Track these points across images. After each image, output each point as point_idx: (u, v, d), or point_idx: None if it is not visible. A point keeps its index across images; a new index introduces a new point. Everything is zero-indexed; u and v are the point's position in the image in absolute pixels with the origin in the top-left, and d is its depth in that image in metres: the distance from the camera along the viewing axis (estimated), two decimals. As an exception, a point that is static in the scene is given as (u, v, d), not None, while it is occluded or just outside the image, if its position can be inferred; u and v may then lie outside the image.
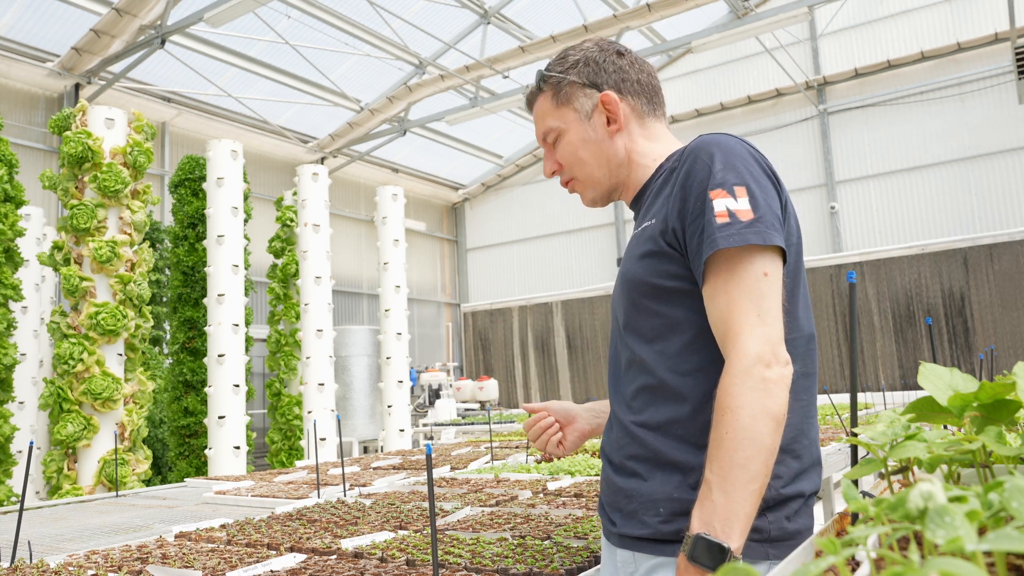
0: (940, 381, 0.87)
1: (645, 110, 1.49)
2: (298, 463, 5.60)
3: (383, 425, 9.38)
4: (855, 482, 0.82)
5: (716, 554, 1.08)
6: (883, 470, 0.86)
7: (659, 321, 1.31)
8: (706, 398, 1.25)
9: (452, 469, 4.27)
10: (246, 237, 7.71)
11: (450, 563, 1.84)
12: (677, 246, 1.29)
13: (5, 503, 5.89)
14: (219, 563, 2.00)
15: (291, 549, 2.18)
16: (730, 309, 1.19)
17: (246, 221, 7.92)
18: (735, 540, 1.09)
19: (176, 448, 8.19)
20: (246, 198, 8.20)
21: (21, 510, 2.19)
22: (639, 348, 1.35)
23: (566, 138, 1.48)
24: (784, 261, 1.27)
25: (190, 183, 8.57)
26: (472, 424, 8.97)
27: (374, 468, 4.53)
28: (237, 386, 7.07)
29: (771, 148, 15.18)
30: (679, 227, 1.28)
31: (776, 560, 1.22)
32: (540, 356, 16.83)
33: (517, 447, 5.34)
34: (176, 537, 2.51)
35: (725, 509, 1.09)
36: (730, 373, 1.16)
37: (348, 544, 2.12)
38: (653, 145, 1.48)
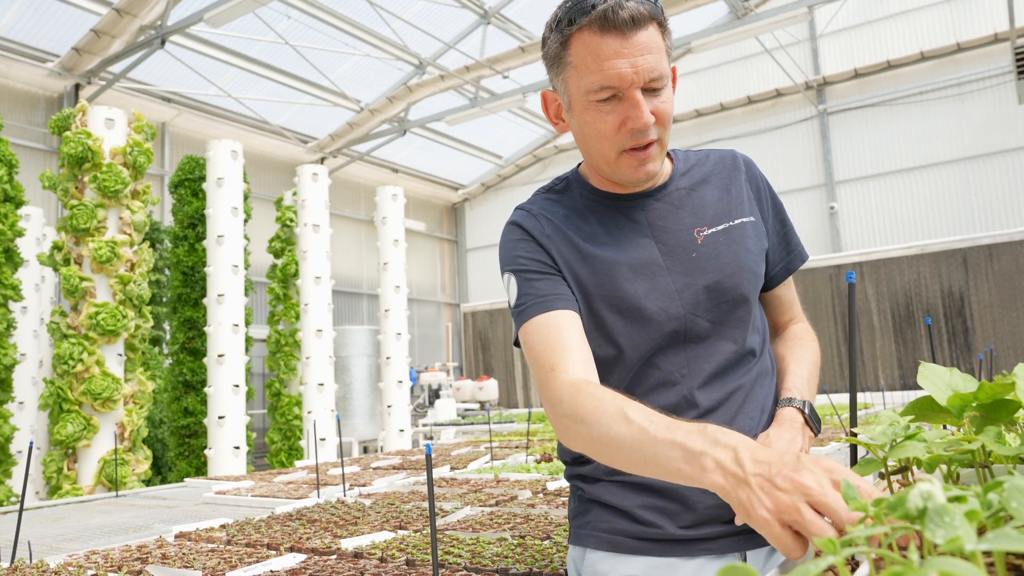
0: (940, 381, 0.87)
1: None
2: (298, 463, 5.60)
3: (383, 425, 9.38)
4: (855, 482, 0.82)
5: (817, 424, 1.30)
6: (883, 470, 0.86)
7: (757, 312, 1.39)
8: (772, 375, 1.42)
9: (452, 469, 4.27)
10: (246, 237, 7.70)
11: (450, 563, 1.84)
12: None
13: (5, 503, 5.89)
14: (219, 563, 2.00)
15: (291, 549, 2.18)
16: (794, 294, 1.51)
17: (246, 221, 7.92)
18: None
19: (176, 448, 8.19)
20: (246, 198, 8.20)
21: (21, 510, 2.19)
22: (748, 339, 1.34)
23: (667, 93, 1.23)
24: None
25: (190, 183, 8.57)
26: (472, 424, 8.97)
27: (374, 468, 4.53)
28: (237, 386, 7.06)
29: (771, 148, 15.18)
30: (765, 229, 1.41)
31: None
32: (540, 356, 16.77)
33: (517, 447, 5.34)
34: (176, 537, 2.51)
35: (811, 399, 1.34)
36: (809, 326, 1.51)
37: (348, 544, 2.12)
38: None
